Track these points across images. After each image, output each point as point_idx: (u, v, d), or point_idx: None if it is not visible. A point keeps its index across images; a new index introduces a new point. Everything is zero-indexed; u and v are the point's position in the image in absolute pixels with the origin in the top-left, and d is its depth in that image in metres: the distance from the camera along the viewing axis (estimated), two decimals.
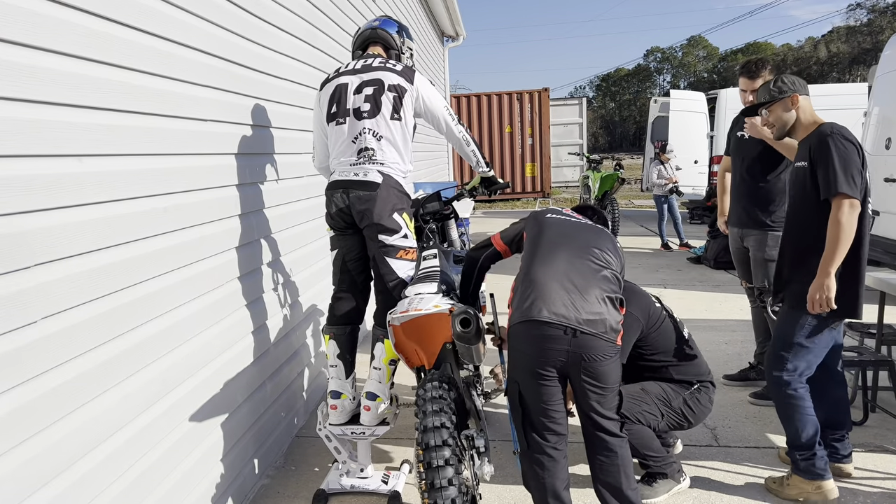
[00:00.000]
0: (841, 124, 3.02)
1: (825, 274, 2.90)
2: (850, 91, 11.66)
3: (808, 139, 3.07)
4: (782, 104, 3.11)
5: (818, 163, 2.95)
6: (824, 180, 2.92)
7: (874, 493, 3.22)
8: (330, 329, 3.42)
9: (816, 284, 2.92)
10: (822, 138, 2.96)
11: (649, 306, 3.21)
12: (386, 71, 3.26)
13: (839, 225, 2.87)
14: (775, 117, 3.15)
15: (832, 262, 2.88)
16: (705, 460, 3.61)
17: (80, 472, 2.10)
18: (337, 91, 3.29)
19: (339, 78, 3.32)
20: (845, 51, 53.35)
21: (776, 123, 3.16)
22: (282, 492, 3.43)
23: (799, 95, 3.09)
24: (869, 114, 7.40)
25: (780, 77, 3.14)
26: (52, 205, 2.01)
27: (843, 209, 2.86)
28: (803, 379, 3.10)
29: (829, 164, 2.90)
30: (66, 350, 2.05)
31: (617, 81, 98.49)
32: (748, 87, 4.15)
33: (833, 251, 2.88)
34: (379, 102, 3.22)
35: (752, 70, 4.15)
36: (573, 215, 3.10)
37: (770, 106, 3.14)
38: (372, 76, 3.25)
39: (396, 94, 3.23)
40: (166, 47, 2.68)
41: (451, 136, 3.46)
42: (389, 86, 3.23)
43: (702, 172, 12.70)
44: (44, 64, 1.99)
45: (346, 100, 3.26)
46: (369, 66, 3.29)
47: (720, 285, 7.89)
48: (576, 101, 20.70)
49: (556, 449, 2.68)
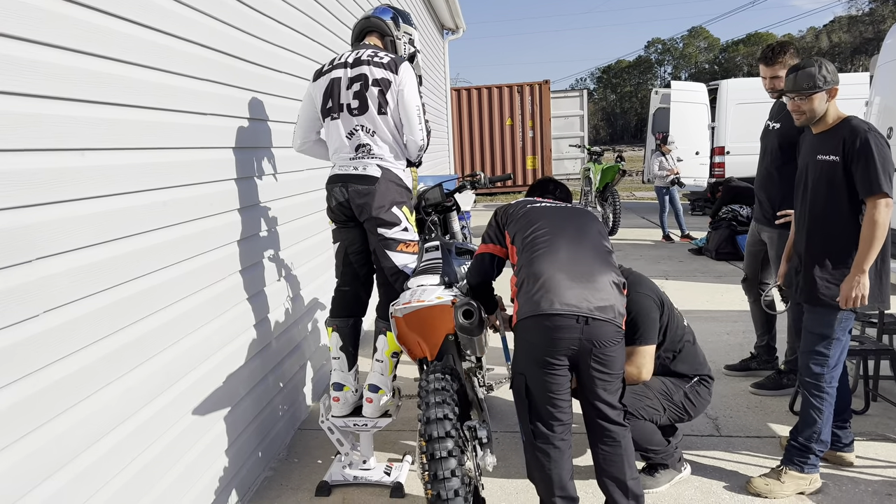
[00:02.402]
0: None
1: (861, 271, 2.88)
2: (851, 81, 11.60)
3: (836, 133, 2.99)
4: (822, 95, 2.99)
5: (857, 160, 2.88)
6: (864, 178, 2.87)
7: (876, 482, 3.22)
8: (333, 321, 3.43)
9: (852, 281, 2.90)
10: (862, 135, 2.88)
11: (655, 288, 3.23)
12: (371, 65, 3.22)
13: (876, 224, 2.84)
14: (810, 107, 3.01)
15: (867, 259, 2.87)
16: (707, 450, 3.62)
17: (83, 466, 2.11)
18: (331, 85, 3.28)
19: (333, 71, 3.30)
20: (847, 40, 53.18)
21: (808, 112, 3.03)
22: (285, 484, 3.45)
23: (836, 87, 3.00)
24: (870, 103, 7.37)
25: (824, 65, 2.98)
26: (53, 199, 2.01)
27: (881, 208, 2.84)
28: (836, 374, 3.09)
29: (869, 162, 2.85)
30: (67, 344, 2.06)
31: (618, 73, 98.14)
32: (766, 73, 4.04)
33: (868, 249, 2.86)
34: (365, 98, 3.20)
35: (769, 56, 4.02)
36: (547, 201, 3.07)
37: (813, 94, 2.98)
38: (358, 71, 3.23)
39: (380, 89, 3.20)
40: (166, 41, 2.68)
41: (411, 135, 3.28)
42: (373, 80, 3.20)
43: (703, 164, 12.66)
44: (44, 58, 1.99)
45: (340, 95, 3.25)
46: (359, 60, 3.26)
47: (722, 276, 7.89)
48: (577, 93, 20.64)
49: (562, 439, 2.68)
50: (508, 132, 18.40)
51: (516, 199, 3.14)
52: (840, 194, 2.97)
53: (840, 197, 2.98)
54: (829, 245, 3.04)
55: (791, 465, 3.15)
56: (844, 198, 2.97)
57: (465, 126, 18.45)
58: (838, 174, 2.96)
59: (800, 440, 3.13)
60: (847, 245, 2.97)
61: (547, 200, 3.10)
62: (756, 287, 4.51)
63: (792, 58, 3.96)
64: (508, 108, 18.32)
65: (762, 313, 4.51)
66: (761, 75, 4.12)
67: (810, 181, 3.11)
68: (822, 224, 3.06)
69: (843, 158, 2.93)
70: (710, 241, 9.16)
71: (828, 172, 3.00)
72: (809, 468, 3.12)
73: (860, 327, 4.27)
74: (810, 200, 3.11)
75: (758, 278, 4.49)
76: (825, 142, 3.04)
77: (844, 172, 2.94)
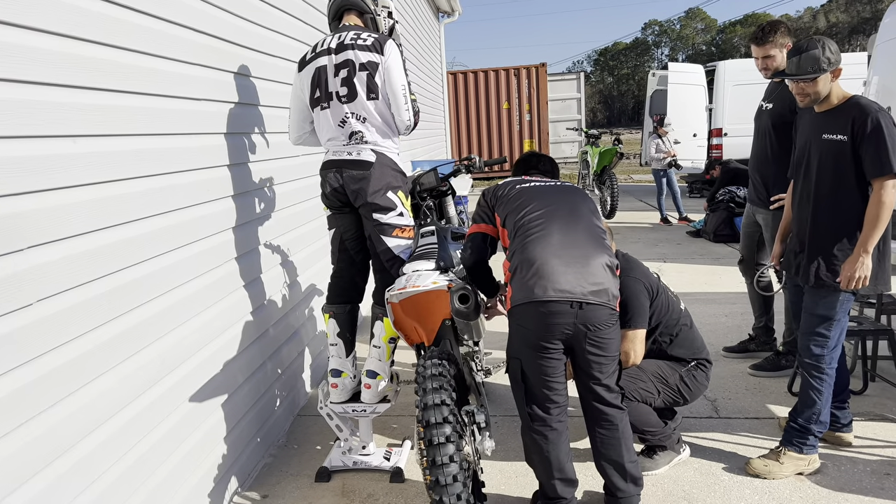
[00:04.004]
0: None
1: (865, 252, 2.87)
2: (849, 61, 11.54)
3: (844, 112, 2.94)
4: (826, 77, 2.93)
5: (867, 140, 2.84)
6: (875, 159, 2.83)
7: (874, 461, 3.23)
8: (329, 308, 3.42)
9: (856, 262, 2.89)
10: (873, 115, 2.84)
11: (647, 274, 3.22)
12: (355, 49, 3.15)
13: (883, 205, 2.83)
14: (815, 90, 2.96)
15: (871, 240, 2.86)
16: (706, 432, 3.62)
17: (79, 455, 2.10)
18: (317, 74, 3.22)
19: (318, 60, 3.22)
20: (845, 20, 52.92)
21: (812, 95, 2.98)
22: (285, 470, 3.45)
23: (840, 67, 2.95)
24: (868, 83, 7.34)
25: (828, 46, 2.92)
26: (45, 186, 1.99)
27: (889, 189, 2.82)
28: (836, 355, 3.08)
29: (880, 143, 2.81)
30: (62, 332, 2.05)
31: (615, 55, 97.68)
32: (758, 53, 3.98)
33: (872, 230, 2.85)
34: (354, 85, 3.15)
35: (759, 37, 3.95)
36: (537, 179, 3.03)
37: (817, 77, 2.92)
38: (344, 57, 3.16)
39: (368, 73, 3.15)
40: (159, 26, 2.65)
41: (398, 114, 3.25)
42: (360, 65, 3.15)
43: (700, 146, 12.62)
44: (34, 44, 1.96)
45: (328, 83, 3.20)
46: (342, 45, 3.18)
47: (720, 258, 7.89)
48: (573, 75, 20.54)
49: (559, 421, 2.69)
50: (505, 116, 18.32)
51: None
52: (847, 174, 2.93)
53: (847, 177, 2.94)
54: (834, 226, 3.00)
55: (790, 446, 3.15)
56: (852, 178, 2.93)
57: (462, 110, 18.37)
58: (846, 154, 2.92)
59: (799, 421, 3.14)
60: (853, 226, 2.95)
61: (535, 178, 3.05)
62: (753, 268, 4.50)
63: (783, 36, 3.89)
64: (505, 92, 18.22)
65: (759, 295, 4.51)
66: (753, 56, 4.06)
67: (814, 161, 3.06)
68: (828, 204, 3.02)
69: (852, 138, 2.89)
70: (708, 223, 9.14)
71: (835, 152, 2.96)
72: (808, 449, 3.13)
73: (858, 308, 4.27)
74: (815, 180, 3.06)
75: (754, 259, 4.49)
76: (831, 121, 2.99)
77: (853, 152, 2.91)
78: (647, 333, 3.19)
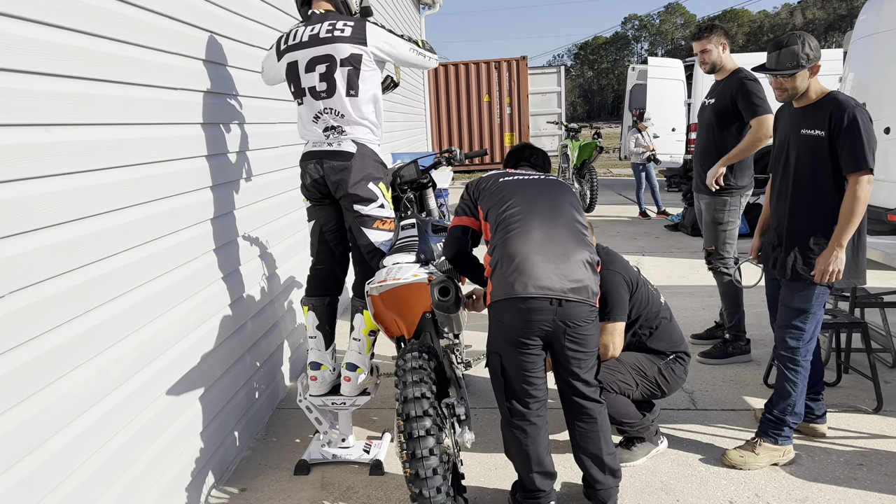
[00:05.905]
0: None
1: (839, 246, 2.91)
2: (825, 57, 11.64)
3: (822, 107, 2.97)
4: (804, 73, 2.97)
5: (843, 136, 2.88)
6: (851, 155, 2.87)
7: (847, 452, 3.28)
8: (309, 300, 3.40)
9: (829, 256, 2.92)
10: (850, 111, 2.87)
11: (627, 267, 3.23)
12: (335, 42, 3.07)
13: (858, 200, 2.86)
14: (793, 85, 3.00)
15: (845, 234, 2.90)
16: (683, 423, 3.66)
17: (54, 449, 2.07)
18: (290, 70, 3.18)
19: (288, 55, 3.16)
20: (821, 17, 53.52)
21: (790, 90, 3.02)
22: (263, 463, 3.43)
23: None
24: (844, 79, 7.43)
25: (807, 42, 2.95)
26: (16, 176, 1.95)
27: (864, 184, 2.86)
28: (811, 348, 3.12)
29: (856, 138, 2.85)
30: (36, 325, 2.01)
31: (595, 50, 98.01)
32: (696, 48, 4.34)
33: (847, 224, 2.89)
34: (333, 80, 3.09)
35: (696, 34, 4.35)
36: (521, 173, 3.02)
37: (796, 73, 2.96)
38: (321, 51, 3.08)
39: (352, 68, 3.09)
40: (133, 13, 2.60)
41: (426, 66, 3.41)
42: (342, 60, 3.08)
43: (679, 140, 12.70)
44: (7, 30, 1.92)
45: (300, 79, 3.15)
46: (317, 38, 3.09)
47: (697, 252, 7.95)
48: (554, 69, 20.55)
49: (538, 416, 2.69)
50: (486, 109, 18.34)
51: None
52: (825, 169, 2.97)
53: (825, 171, 2.98)
54: (811, 220, 3.04)
55: (765, 437, 3.19)
56: (829, 172, 2.97)
57: (443, 103, 18.35)
58: (823, 149, 2.96)
59: (774, 413, 3.17)
60: (830, 220, 2.98)
61: (520, 172, 3.03)
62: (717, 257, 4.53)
63: (719, 36, 4.28)
64: (486, 85, 18.24)
65: (729, 285, 4.52)
66: (694, 51, 4.41)
67: (792, 155, 3.10)
68: (805, 198, 3.06)
69: (829, 133, 2.93)
70: (686, 217, 9.22)
71: (812, 147, 3.00)
72: (783, 440, 3.17)
73: (833, 301, 4.33)
74: (793, 175, 3.09)
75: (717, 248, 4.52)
76: (809, 116, 3.03)
77: (829, 147, 2.94)
78: (627, 326, 3.20)
